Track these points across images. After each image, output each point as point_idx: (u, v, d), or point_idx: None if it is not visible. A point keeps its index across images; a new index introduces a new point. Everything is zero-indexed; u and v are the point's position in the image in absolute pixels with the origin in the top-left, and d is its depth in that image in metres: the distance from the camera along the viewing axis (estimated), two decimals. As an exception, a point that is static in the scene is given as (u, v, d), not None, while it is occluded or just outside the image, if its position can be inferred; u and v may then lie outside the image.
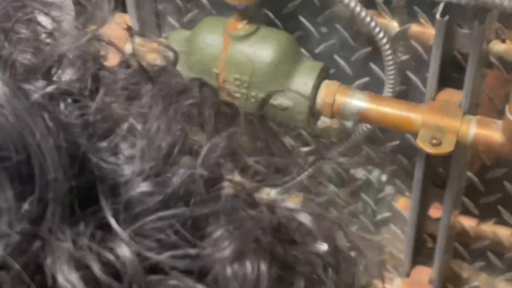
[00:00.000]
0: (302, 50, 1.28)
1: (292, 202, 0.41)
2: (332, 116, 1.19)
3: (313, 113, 1.20)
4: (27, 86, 0.34)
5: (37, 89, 0.34)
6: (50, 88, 0.34)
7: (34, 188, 0.31)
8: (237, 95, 1.20)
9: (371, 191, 1.46)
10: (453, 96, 1.17)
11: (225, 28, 1.19)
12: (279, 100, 1.18)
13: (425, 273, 1.43)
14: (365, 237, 0.45)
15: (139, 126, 0.36)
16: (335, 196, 1.48)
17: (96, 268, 0.31)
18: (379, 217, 1.48)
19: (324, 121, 1.32)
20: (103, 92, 0.37)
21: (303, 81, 1.18)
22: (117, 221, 0.33)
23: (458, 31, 1.12)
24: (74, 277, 0.31)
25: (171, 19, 1.37)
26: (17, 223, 0.31)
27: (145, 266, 0.33)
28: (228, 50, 1.18)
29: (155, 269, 0.33)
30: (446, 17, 1.08)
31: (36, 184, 0.31)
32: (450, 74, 1.18)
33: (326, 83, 1.19)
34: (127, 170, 0.34)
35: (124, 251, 0.32)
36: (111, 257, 0.32)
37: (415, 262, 1.43)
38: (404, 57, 1.24)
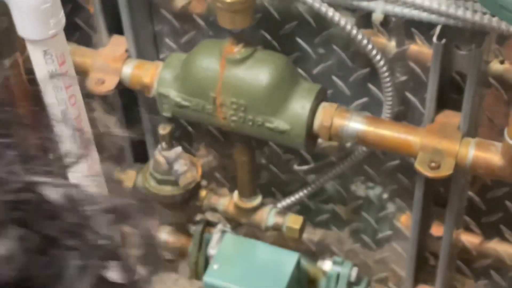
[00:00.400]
0: (300, 71, 1.27)
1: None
2: (329, 139, 1.18)
3: (311, 136, 1.19)
4: None
5: None
6: None
7: None
8: (234, 118, 1.20)
9: (372, 209, 1.45)
10: (451, 118, 1.16)
11: (222, 52, 1.18)
12: (276, 123, 1.18)
13: (427, 292, 1.42)
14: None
15: None
16: (336, 214, 1.47)
17: None
18: (380, 235, 1.46)
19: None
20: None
21: (300, 104, 1.17)
22: None
23: (456, 52, 1.11)
24: None
25: (168, 40, 1.36)
26: None
27: None
28: (224, 74, 1.18)
29: None
30: (443, 41, 1.07)
31: None
32: (449, 95, 1.17)
33: (323, 106, 1.18)
34: None
35: None
36: None
37: (418, 281, 1.42)
38: (403, 78, 1.22)
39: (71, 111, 0.94)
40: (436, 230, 1.38)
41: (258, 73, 1.17)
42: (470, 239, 1.38)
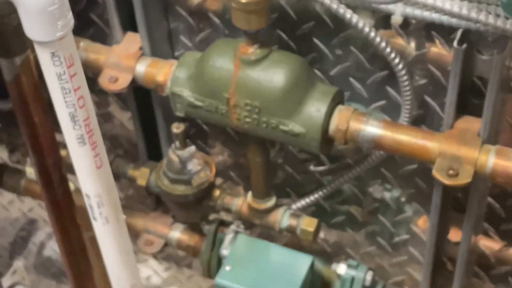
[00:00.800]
0: (316, 72, 1.25)
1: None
2: (345, 142, 1.16)
3: (326, 140, 1.17)
4: None
5: None
6: None
7: None
8: (248, 120, 1.17)
9: (388, 212, 1.42)
10: (472, 124, 1.13)
11: (236, 52, 1.15)
12: (291, 126, 1.15)
13: (443, 298, 1.39)
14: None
15: None
16: (352, 216, 1.45)
17: None
18: (397, 238, 1.44)
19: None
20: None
21: (316, 107, 1.14)
22: None
23: (478, 57, 1.08)
24: None
25: (183, 38, 1.34)
26: None
27: None
28: (239, 74, 1.15)
29: None
30: (464, 45, 1.04)
31: None
32: (469, 101, 1.14)
33: (339, 109, 1.16)
34: None
35: None
36: None
37: (434, 285, 1.39)
38: (422, 81, 1.19)
39: (79, 114, 0.93)
40: (454, 235, 1.35)
41: (273, 74, 1.14)
42: (488, 245, 1.36)
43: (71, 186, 1.17)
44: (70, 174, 1.11)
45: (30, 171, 1.55)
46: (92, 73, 1.30)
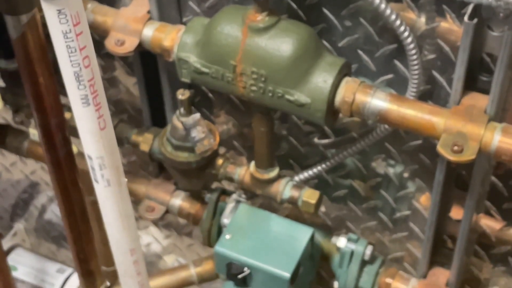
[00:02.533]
0: (325, 43, 1.24)
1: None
2: (351, 115, 1.15)
3: (331, 111, 1.16)
4: None
5: None
6: None
7: None
8: (254, 88, 1.17)
9: (391, 187, 1.42)
10: (479, 101, 1.12)
11: (245, 19, 1.14)
12: (296, 96, 1.14)
13: (442, 275, 1.39)
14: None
15: None
16: (354, 190, 1.44)
17: None
18: (398, 214, 1.44)
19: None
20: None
21: (322, 77, 1.13)
22: None
23: (488, 33, 1.06)
24: None
25: (192, 4, 1.33)
26: None
27: None
28: (246, 42, 1.14)
29: None
30: (475, 20, 1.02)
31: None
32: (477, 77, 1.13)
33: (346, 81, 1.15)
34: None
35: None
36: None
37: (433, 262, 1.39)
38: (431, 56, 1.18)
39: (84, 73, 0.92)
40: (456, 213, 1.35)
41: (281, 43, 1.13)
42: (490, 224, 1.35)
43: (74, 149, 1.17)
44: (73, 137, 1.11)
45: (34, 133, 1.55)
46: (98, 36, 1.30)
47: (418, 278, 1.38)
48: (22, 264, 1.87)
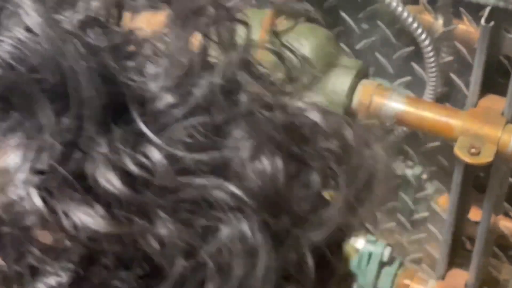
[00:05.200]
0: (342, 45, 1.24)
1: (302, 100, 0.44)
2: (368, 117, 1.16)
3: (349, 114, 1.17)
4: (58, 16, 0.38)
5: (68, 18, 0.38)
6: (79, 17, 0.38)
7: (70, 106, 0.36)
8: (272, 91, 1.18)
9: (409, 189, 1.42)
10: (496, 103, 1.12)
11: (261, 23, 1.15)
12: (314, 99, 1.15)
13: (461, 277, 1.39)
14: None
15: (161, 46, 0.39)
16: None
17: (131, 167, 0.36)
18: (416, 216, 1.44)
19: (364, 117, 1.29)
20: (127, 17, 0.41)
21: (340, 80, 1.14)
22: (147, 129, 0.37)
23: (505, 35, 1.07)
24: (112, 176, 0.35)
25: (210, 8, 1.34)
26: (59, 136, 0.36)
27: (174, 168, 0.36)
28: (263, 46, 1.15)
29: (183, 170, 0.36)
30: (492, 23, 1.03)
31: (72, 102, 0.36)
32: (495, 79, 1.13)
33: (363, 83, 1.16)
34: (153, 86, 0.38)
35: (155, 153, 0.36)
36: (143, 158, 0.36)
37: (452, 264, 1.39)
38: (448, 58, 1.19)
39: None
40: (474, 214, 1.35)
41: (299, 47, 1.14)
42: (508, 226, 1.35)
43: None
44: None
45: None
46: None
47: (437, 280, 1.38)
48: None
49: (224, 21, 0.43)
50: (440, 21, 1.16)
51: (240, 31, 0.47)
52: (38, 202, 0.35)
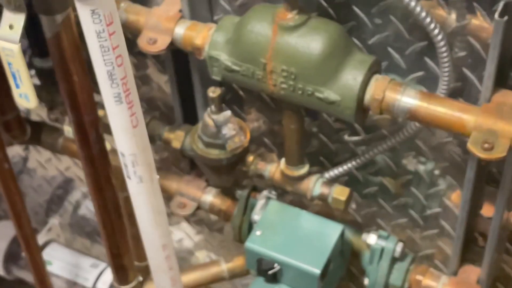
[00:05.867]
0: (355, 40, 1.24)
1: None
2: (380, 112, 1.16)
3: (361, 109, 1.16)
4: None
5: None
6: None
7: None
8: (284, 86, 1.18)
9: (421, 184, 1.42)
10: (509, 98, 1.12)
11: (274, 18, 1.15)
12: (326, 94, 1.15)
13: (473, 273, 1.38)
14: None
15: None
16: (385, 187, 1.45)
17: None
18: (429, 211, 1.44)
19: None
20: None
21: (352, 75, 1.14)
22: None
23: (519, 30, 1.06)
24: None
25: (223, 2, 1.34)
26: None
27: None
28: (276, 40, 1.15)
29: None
30: (505, 18, 1.02)
31: None
32: (508, 74, 1.12)
33: (376, 78, 1.15)
34: None
35: None
36: None
37: (464, 260, 1.39)
38: (461, 54, 1.18)
39: (117, 72, 0.94)
40: (487, 210, 1.35)
41: (311, 41, 1.14)
42: (521, 222, 1.34)
43: (107, 146, 1.19)
44: (106, 134, 1.13)
45: (68, 130, 1.58)
46: (131, 35, 1.31)
47: (449, 276, 1.38)
48: (56, 259, 1.91)
49: None
50: (454, 16, 1.16)
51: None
52: None
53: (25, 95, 1.14)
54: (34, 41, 1.48)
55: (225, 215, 1.51)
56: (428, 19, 1.10)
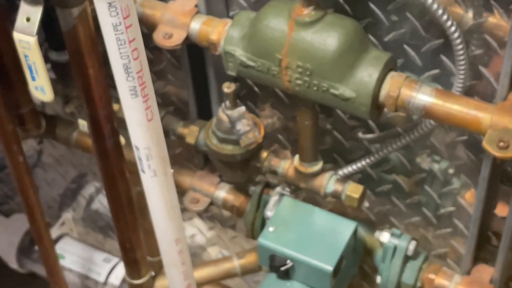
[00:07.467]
0: (370, 37, 1.24)
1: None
2: (395, 110, 1.15)
3: (376, 106, 1.16)
4: None
5: None
6: None
7: None
8: (299, 82, 1.17)
9: (435, 183, 1.41)
10: (526, 97, 1.11)
11: (291, 13, 1.15)
12: (341, 90, 1.15)
13: (486, 272, 1.38)
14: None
15: None
16: (398, 185, 1.44)
17: None
18: (442, 210, 1.43)
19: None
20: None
21: (367, 72, 1.14)
22: None
23: (536, 28, 1.06)
24: None
25: (239, -2, 1.34)
26: None
27: None
28: (292, 36, 1.15)
29: None
30: (523, 15, 1.02)
31: None
32: (525, 73, 1.12)
33: (391, 75, 1.15)
34: None
35: None
36: None
37: (477, 259, 1.39)
38: (478, 51, 1.18)
39: (133, 65, 0.94)
40: (501, 210, 1.34)
41: (327, 37, 1.14)
42: (535, 222, 1.34)
43: (122, 140, 1.19)
44: (121, 129, 1.13)
45: (83, 124, 1.58)
46: (147, 29, 1.32)
47: (462, 275, 1.37)
48: (69, 253, 1.91)
49: None
50: (470, 14, 1.15)
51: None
52: None
53: (41, 87, 1.14)
54: (50, 34, 1.49)
55: (238, 211, 1.51)
56: (445, 17, 1.10)
